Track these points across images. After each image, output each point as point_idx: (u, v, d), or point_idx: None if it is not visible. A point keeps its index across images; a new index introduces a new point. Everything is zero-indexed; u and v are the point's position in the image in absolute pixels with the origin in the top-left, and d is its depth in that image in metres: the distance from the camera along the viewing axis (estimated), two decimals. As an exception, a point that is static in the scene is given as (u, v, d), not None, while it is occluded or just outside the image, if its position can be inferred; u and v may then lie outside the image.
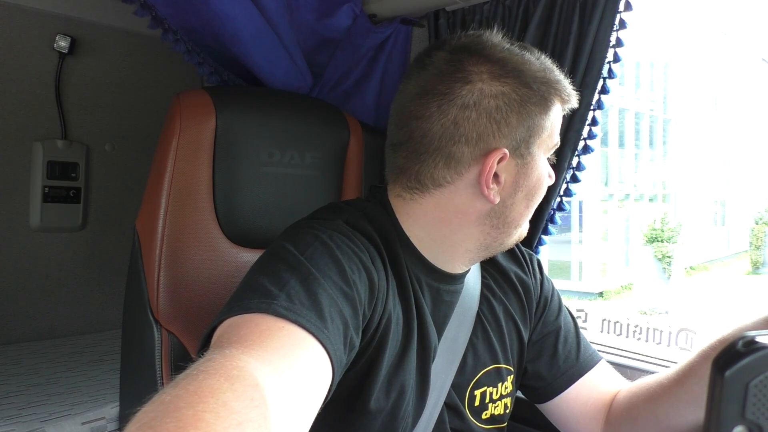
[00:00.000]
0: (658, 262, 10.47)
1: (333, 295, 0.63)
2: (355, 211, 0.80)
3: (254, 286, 0.62)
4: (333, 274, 0.65)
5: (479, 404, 0.87)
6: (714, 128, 15.73)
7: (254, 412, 0.43)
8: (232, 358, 0.49)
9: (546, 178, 0.81)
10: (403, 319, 0.77)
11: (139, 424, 0.39)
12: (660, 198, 14.17)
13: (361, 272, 0.69)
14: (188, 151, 1.03)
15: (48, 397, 1.44)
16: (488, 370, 0.88)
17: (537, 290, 0.97)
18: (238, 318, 0.58)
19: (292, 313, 0.58)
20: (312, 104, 1.26)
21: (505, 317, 0.92)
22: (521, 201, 0.79)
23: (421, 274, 0.81)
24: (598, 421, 0.93)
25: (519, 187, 0.78)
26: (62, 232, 1.93)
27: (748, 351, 0.39)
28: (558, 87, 0.78)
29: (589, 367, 0.95)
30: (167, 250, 1.00)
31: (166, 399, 0.41)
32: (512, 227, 0.81)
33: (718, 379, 0.40)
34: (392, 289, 0.76)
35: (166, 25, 1.29)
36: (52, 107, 1.88)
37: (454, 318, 0.85)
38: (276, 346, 0.54)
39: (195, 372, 0.45)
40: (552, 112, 0.78)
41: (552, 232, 1.31)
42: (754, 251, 14.06)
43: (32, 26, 1.81)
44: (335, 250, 0.68)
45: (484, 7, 1.32)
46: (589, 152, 1.25)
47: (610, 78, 1.20)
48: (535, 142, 0.77)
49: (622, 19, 1.16)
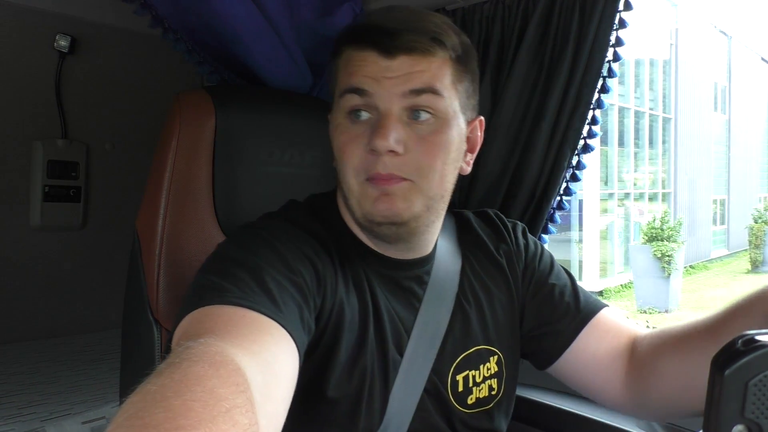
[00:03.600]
0: (657, 261, 10.45)
1: (281, 282, 0.65)
2: (302, 207, 0.83)
3: (204, 284, 0.64)
4: (277, 264, 0.67)
5: (463, 389, 0.85)
6: (714, 127, 15.73)
7: (241, 397, 0.43)
8: (210, 345, 0.49)
9: (337, 130, 0.77)
10: (358, 309, 0.77)
11: (126, 415, 0.39)
12: (660, 197, 14.16)
13: (304, 261, 0.70)
14: (188, 151, 1.03)
15: (48, 396, 1.44)
16: (468, 353, 0.86)
17: (521, 256, 0.94)
18: (196, 313, 0.59)
19: (247, 301, 0.59)
20: (312, 103, 1.26)
21: (486, 296, 0.90)
22: (336, 164, 0.78)
23: (373, 265, 0.81)
24: (617, 371, 0.87)
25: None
26: (62, 231, 1.93)
27: (748, 350, 0.39)
28: (345, 31, 0.78)
29: (593, 314, 0.90)
30: (167, 250, 1.00)
31: (152, 389, 0.41)
32: (345, 196, 0.78)
33: (717, 378, 0.40)
34: (342, 279, 0.77)
35: (167, 24, 1.29)
36: (53, 106, 1.88)
37: (427, 302, 0.84)
38: (243, 332, 0.56)
39: (177, 360, 0.45)
40: (340, 58, 0.78)
41: (553, 231, 1.31)
42: (753, 250, 14.05)
43: (32, 25, 1.81)
44: (275, 242, 0.70)
45: (484, 7, 1.32)
46: (589, 151, 1.25)
47: (610, 77, 1.20)
48: (333, 94, 0.78)
49: (622, 18, 1.16)
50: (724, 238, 16.39)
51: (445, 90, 0.75)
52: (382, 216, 0.74)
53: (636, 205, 13.58)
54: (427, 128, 0.74)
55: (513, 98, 1.27)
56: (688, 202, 14.55)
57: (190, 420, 0.38)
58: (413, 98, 0.73)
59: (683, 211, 13.93)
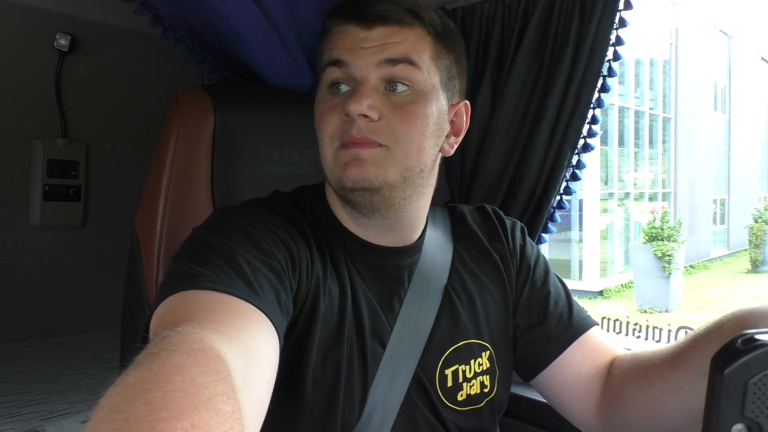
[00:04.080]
0: (657, 261, 10.45)
1: (255, 265, 0.64)
2: (282, 196, 0.82)
3: (178, 271, 0.63)
4: (250, 247, 0.66)
5: (452, 384, 0.82)
6: (714, 127, 15.73)
7: (221, 385, 0.43)
8: (188, 333, 0.49)
9: (318, 104, 0.79)
10: (338, 294, 0.76)
11: (107, 409, 0.38)
12: (660, 197, 14.17)
13: (277, 243, 0.70)
14: (187, 150, 1.03)
15: (48, 396, 1.44)
16: (458, 346, 0.84)
17: (516, 257, 0.92)
18: (171, 300, 0.59)
19: (221, 285, 0.59)
20: (311, 102, 1.25)
21: (478, 290, 0.88)
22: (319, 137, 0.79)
23: (357, 253, 0.81)
24: (594, 392, 0.86)
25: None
26: (62, 231, 1.93)
27: (747, 349, 0.39)
28: (332, 11, 0.78)
29: (583, 330, 0.89)
30: (166, 249, 1.00)
31: (131, 381, 0.40)
32: (323, 168, 0.79)
33: (717, 377, 0.40)
34: (321, 265, 0.76)
35: (167, 24, 1.29)
36: (52, 105, 1.88)
37: (412, 294, 0.82)
38: (220, 317, 0.55)
39: (155, 350, 0.44)
40: (325, 36, 0.79)
41: (553, 230, 1.31)
42: (753, 250, 14.06)
43: (32, 24, 1.81)
44: (247, 226, 0.70)
45: (484, 6, 1.32)
46: (589, 150, 1.25)
47: (610, 76, 1.20)
48: (321, 71, 0.79)
49: (622, 17, 1.16)
50: (724, 238, 16.39)
51: (423, 64, 0.75)
52: (352, 181, 0.73)
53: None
54: (403, 99, 0.74)
55: (513, 97, 1.26)
56: (688, 201, 14.56)
57: (172, 411, 0.37)
58: (389, 68, 0.73)
59: (683, 211, 13.94)
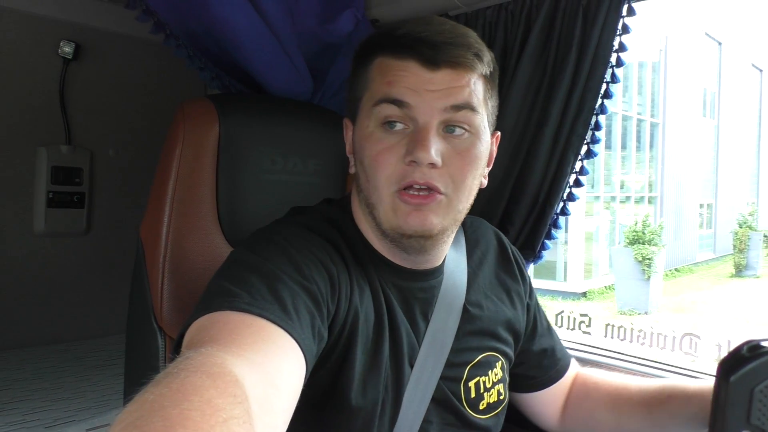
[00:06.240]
0: (638, 264, 10.51)
1: (294, 289, 0.64)
2: (316, 215, 0.82)
3: (216, 290, 0.64)
4: (291, 271, 0.66)
5: (475, 395, 0.86)
6: (702, 132, 15.68)
7: (238, 408, 0.43)
8: (210, 356, 0.49)
9: (370, 139, 0.75)
10: (373, 318, 0.77)
11: (124, 424, 0.39)
12: (646, 200, 14.16)
13: (318, 267, 0.70)
14: (192, 159, 1.03)
15: (52, 403, 1.44)
16: (479, 360, 0.87)
17: (525, 295, 0.99)
18: (203, 320, 0.59)
19: (255, 308, 0.59)
20: (314, 111, 1.26)
21: (492, 305, 0.92)
22: (361, 172, 0.78)
23: (387, 275, 0.81)
24: (558, 404, 1.01)
25: (356, 154, 0.80)
26: (66, 237, 1.94)
27: (753, 356, 0.39)
28: (377, 38, 0.77)
29: (565, 369, 1.01)
30: (171, 258, 1.00)
31: (149, 398, 0.41)
32: (370, 205, 0.77)
33: (723, 384, 0.40)
34: (357, 287, 0.76)
35: (168, 31, 1.30)
36: (57, 113, 1.89)
37: (438, 312, 0.84)
38: (248, 341, 0.55)
39: (176, 370, 0.46)
40: (372, 65, 0.77)
41: (556, 237, 1.30)
42: (737, 254, 14.13)
43: (37, 32, 1.82)
44: (290, 249, 0.70)
45: (487, 12, 1.32)
46: (593, 156, 1.25)
47: (613, 82, 1.20)
48: (361, 100, 0.78)
49: (625, 23, 1.16)
50: (711, 242, 16.39)
51: (480, 106, 0.76)
52: (413, 230, 0.74)
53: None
54: (461, 143, 0.75)
55: (516, 104, 1.27)
56: (675, 205, 14.57)
57: (188, 429, 0.38)
58: (452, 113, 0.73)
59: (670, 215, 13.96)
